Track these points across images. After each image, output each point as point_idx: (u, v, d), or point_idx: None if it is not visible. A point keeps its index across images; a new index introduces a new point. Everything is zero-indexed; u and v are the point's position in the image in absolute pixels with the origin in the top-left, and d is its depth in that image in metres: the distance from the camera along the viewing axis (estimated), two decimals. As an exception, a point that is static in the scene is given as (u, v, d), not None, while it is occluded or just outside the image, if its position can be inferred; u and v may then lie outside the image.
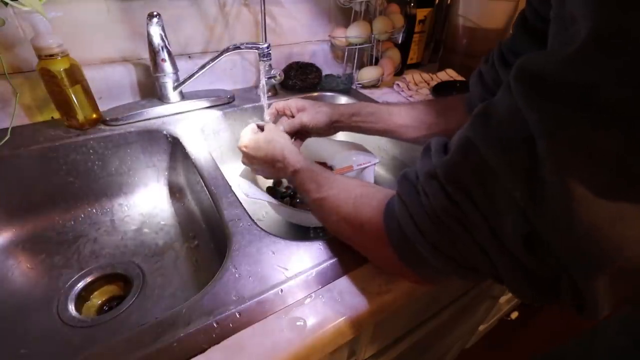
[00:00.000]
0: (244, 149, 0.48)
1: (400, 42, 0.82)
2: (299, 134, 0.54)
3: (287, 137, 0.47)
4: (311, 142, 0.61)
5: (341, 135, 0.76)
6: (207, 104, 0.66)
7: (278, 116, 0.55)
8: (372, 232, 0.31)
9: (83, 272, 0.50)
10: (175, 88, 0.62)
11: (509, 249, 0.21)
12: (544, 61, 0.18)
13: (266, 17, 0.66)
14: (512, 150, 0.20)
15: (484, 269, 0.24)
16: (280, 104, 0.54)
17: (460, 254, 0.24)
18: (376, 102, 0.75)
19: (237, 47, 0.55)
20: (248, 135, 0.48)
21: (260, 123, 0.52)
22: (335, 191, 0.36)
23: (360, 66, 0.82)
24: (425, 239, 0.25)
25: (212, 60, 0.58)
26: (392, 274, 0.35)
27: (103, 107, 0.60)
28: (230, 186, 0.46)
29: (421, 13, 0.88)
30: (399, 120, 0.52)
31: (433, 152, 0.26)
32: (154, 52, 0.57)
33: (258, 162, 0.47)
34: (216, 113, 0.66)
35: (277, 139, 0.45)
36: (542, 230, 0.19)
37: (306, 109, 0.53)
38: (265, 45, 0.53)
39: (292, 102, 0.54)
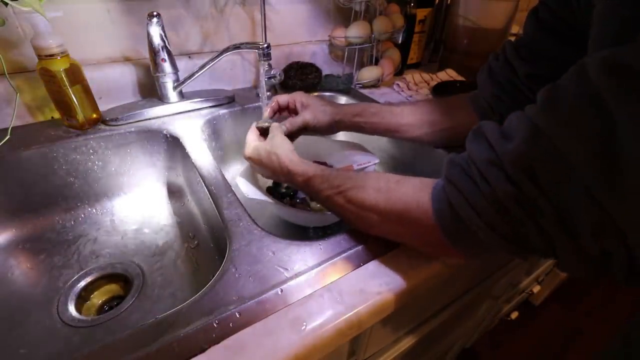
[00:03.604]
0: (249, 160, 0.48)
1: (400, 42, 0.82)
2: (299, 131, 0.54)
3: (287, 144, 0.46)
4: (311, 141, 0.61)
5: (342, 135, 0.76)
6: (207, 104, 0.66)
7: (279, 110, 0.55)
8: (416, 217, 0.31)
9: (83, 272, 0.50)
10: (175, 88, 0.62)
11: (575, 235, 0.22)
12: (633, 55, 0.19)
13: (266, 17, 0.66)
14: (589, 139, 0.20)
15: (539, 248, 0.25)
16: (284, 97, 0.54)
17: (518, 234, 0.25)
18: (377, 102, 0.75)
19: (237, 47, 0.55)
20: (251, 144, 0.47)
21: (262, 124, 0.51)
22: (356, 184, 0.36)
23: (360, 66, 0.82)
24: (483, 220, 0.26)
25: (212, 60, 0.58)
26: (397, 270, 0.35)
27: (103, 107, 0.60)
28: (230, 186, 0.46)
29: (421, 13, 0.88)
30: (402, 120, 0.52)
31: (491, 138, 0.26)
32: (153, 52, 0.57)
33: (263, 172, 0.47)
34: (216, 113, 0.66)
35: (275, 151, 0.44)
36: (619, 219, 0.20)
37: (309, 107, 0.53)
38: (265, 45, 0.53)
39: (297, 97, 0.53)
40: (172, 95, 0.63)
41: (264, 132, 0.50)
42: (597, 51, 0.21)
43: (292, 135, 0.54)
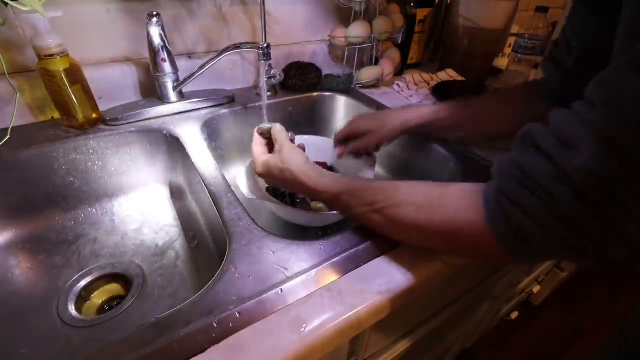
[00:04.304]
0: (261, 177, 0.45)
1: (400, 42, 0.82)
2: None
3: (299, 155, 0.42)
4: (310, 142, 0.61)
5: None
6: (207, 104, 0.66)
7: (345, 143, 0.55)
8: (467, 233, 0.30)
9: (83, 272, 0.50)
10: (175, 88, 0.62)
11: None
12: None
13: (266, 17, 0.66)
14: None
15: (618, 256, 0.24)
16: (344, 131, 0.55)
17: (590, 244, 0.24)
18: (377, 102, 0.75)
19: (237, 47, 0.55)
20: (259, 161, 0.44)
21: (263, 126, 0.47)
22: (391, 202, 0.34)
23: (360, 66, 0.82)
24: (553, 237, 0.25)
25: (212, 60, 0.58)
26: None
27: (103, 107, 0.60)
28: (230, 186, 0.46)
29: (421, 13, 0.88)
30: (484, 116, 0.50)
31: (548, 148, 0.24)
32: (153, 52, 0.57)
33: (279, 186, 0.46)
34: (216, 113, 0.66)
35: (288, 167, 0.40)
36: None
37: (373, 131, 0.53)
38: (265, 45, 0.53)
39: (357, 126, 0.54)
40: (172, 95, 0.63)
41: (267, 136, 0.47)
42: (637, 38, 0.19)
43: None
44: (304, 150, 0.54)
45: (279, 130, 0.45)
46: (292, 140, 0.51)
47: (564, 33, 0.43)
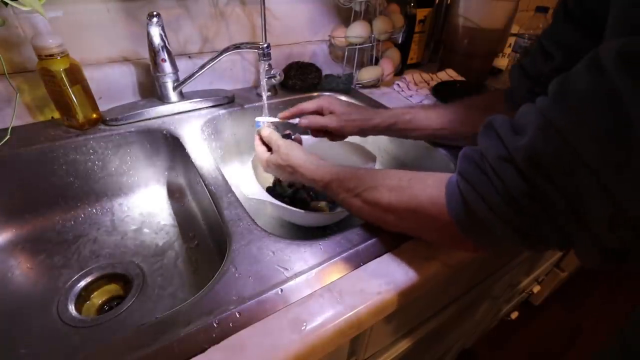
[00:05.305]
0: (266, 172, 0.50)
1: (400, 42, 0.82)
2: (317, 131, 0.55)
3: (296, 149, 0.46)
4: (310, 141, 0.62)
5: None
6: (207, 104, 0.66)
7: (306, 116, 0.55)
8: (431, 214, 0.31)
9: (83, 272, 0.50)
10: (175, 88, 0.62)
11: (591, 228, 0.22)
12: None
13: (266, 17, 0.66)
14: (601, 134, 0.20)
15: (554, 242, 0.25)
16: (312, 104, 0.54)
17: (534, 229, 0.25)
18: (377, 102, 0.75)
19: (237, 47, 0.55)
20: (262, 158, 0.49)
21: (263, 131, 0.50)
22: (369, 185, 0.36)
23: (360, 66, 0.82)
24: (497, 216, 0.26)
25: (212, 60, 0.58)
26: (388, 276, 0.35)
27: (103, 107, 0.60)
28: (230, 186, 0.46)
29: (421, 13, 0.88)
30: (437, 124, 0.52)
31: (502, 133, 0.26)
32: (153, 52, 0.57)
33: (283, 178, 0.49)
34: (216, 113, 0.66)
35: (289, 163, 0.44)
36: (632, 211, 0.20)
37: (336, 115, 0.53)
38: (265, 45, 0.53)
39: (323, 103, 0.54)
40: (172, 95, 0.63)
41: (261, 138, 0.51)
42: (612, 39, 0.20)
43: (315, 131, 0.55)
44: (301, 142, 0.57)
45: (267, 135, 0.49)
46: (290, 135, 0.53)
47: (539, 42, 0.44)
